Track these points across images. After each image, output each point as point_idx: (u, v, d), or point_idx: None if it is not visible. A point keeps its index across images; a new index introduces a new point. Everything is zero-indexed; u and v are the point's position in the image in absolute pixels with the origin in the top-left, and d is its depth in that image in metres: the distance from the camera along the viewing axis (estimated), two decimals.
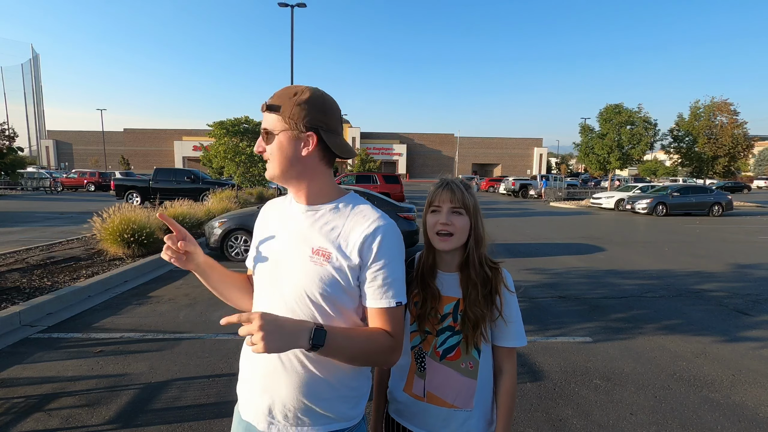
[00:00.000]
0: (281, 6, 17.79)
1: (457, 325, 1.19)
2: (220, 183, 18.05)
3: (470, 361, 1.19)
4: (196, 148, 48.22)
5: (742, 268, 7.45)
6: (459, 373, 1.18)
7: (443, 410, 1.19)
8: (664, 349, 3.86)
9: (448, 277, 1.22)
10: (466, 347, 1.18)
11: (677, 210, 17.48)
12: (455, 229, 1.17)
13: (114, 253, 6.79)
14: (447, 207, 1.18)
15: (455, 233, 1.17)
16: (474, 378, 1.19)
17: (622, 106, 24.73)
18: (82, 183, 29.47)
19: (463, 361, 1.19)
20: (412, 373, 1.23)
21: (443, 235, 1.17)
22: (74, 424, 2.56)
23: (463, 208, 1.17)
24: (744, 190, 38.98)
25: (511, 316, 1.21)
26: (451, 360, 1.19)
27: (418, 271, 1.25)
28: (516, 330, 1.21)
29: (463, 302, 1.18)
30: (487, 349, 1.21)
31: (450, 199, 1.17)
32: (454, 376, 1.18)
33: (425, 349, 1.21)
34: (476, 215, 1.20)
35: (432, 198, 1.21)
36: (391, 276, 0.99)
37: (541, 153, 71.57)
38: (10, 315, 4.05)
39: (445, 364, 1.19)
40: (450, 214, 1.17)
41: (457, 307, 1.20)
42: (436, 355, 1.20)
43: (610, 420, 2.73)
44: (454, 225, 1.16)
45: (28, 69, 75.44)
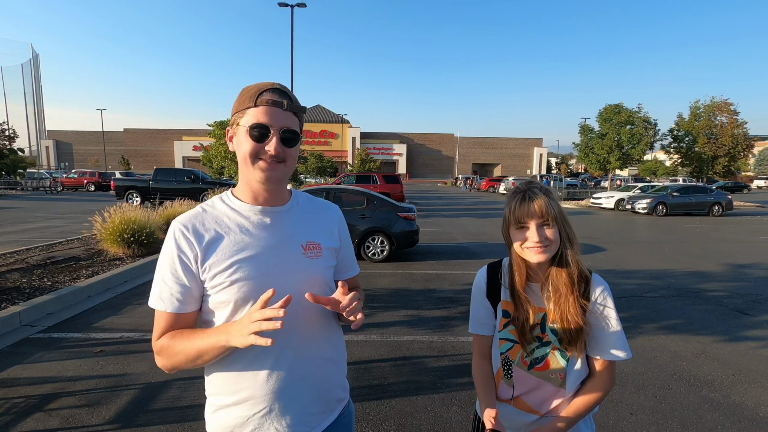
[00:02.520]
0: (281, 6, 17.78)
1: (546, 336, 1.17)
2: (220, 183, 18.05)
3: (560, 372, 1.17)
4: (196, 148, 48.27)
5: (742, 268, 7.45)
6: (549, 383, 1.18)
7: (530, 416, 1.20)
8: (664, 349, 3.86)
9: (536, 287, 1.20)
10: (555, 358, 1.16)
11: (677, 210, 17.48)
12: (549, 242, 1.11)
13: (114, 253, 6.80)
14: (536, 223, 1.11)
15: (550, 245, 1.12)
16: (563, 387, 1.17)
17: (621, 105, 24.72)
18: (82, 183, 29.46)
19: (552, 372, 1.17)
20: (499, 377, 1.25)
21: (538, 249, 1.11)
22: (74, 424, 2.57)
23: (550, 219, 1.11)
24: (744, 189, 38.97)
25: (608, 324, 1.15)
26: (540, 370, 1.18)
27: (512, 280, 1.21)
28: (614, 341, 1.14)
29: (553, 311, 1.15)
30: (578, 360, 1.17)
31: (540, 215, 1.10)
32: (543, 385, 1.18)
33: (512, 357, 1.20)
34: (563, 220, 1.14)
35: (516, 214, 1.13)
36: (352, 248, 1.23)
37: (541, 153, 71.59)
38: (10, 315, 4.06)
39: (533, 374, 1.18)
40: (539, 228, 1.11)
41: (545, 319, 1.18)
42: (524, 364, 1.19)
43: (610, 420, 2.73)
44: (547, 238, 1.11)
45: (28, 69, 75.36)
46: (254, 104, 0.94)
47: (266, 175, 0.97)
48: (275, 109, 0.94)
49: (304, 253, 1.03)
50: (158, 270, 0.98)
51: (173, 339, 0.95)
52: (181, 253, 0.95)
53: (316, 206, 1.14)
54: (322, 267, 1.06)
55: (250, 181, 1.01)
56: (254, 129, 0.93)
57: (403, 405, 2.85)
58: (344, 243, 1.17)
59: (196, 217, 1.00)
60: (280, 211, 1.05)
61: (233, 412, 0.99)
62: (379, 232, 7.54)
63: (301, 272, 1.01)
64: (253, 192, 1.02)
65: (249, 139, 0.94)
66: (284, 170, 0.99)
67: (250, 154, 0.95)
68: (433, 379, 3.21)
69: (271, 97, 0.94)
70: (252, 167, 0.97)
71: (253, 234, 1.00)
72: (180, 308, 0.96)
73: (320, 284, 1.04)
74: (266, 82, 0.98)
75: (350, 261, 1.20)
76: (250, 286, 0.95)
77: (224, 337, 0.87)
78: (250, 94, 0.95)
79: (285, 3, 17.72)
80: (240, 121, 0.97)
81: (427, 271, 6.68)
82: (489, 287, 1.27)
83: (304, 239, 1.04)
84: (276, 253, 1.00)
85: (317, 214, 1.12)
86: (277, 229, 1.02)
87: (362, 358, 3.54)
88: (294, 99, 0.98)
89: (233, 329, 0.86)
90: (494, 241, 9.90)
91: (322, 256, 1.06)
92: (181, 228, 0.97)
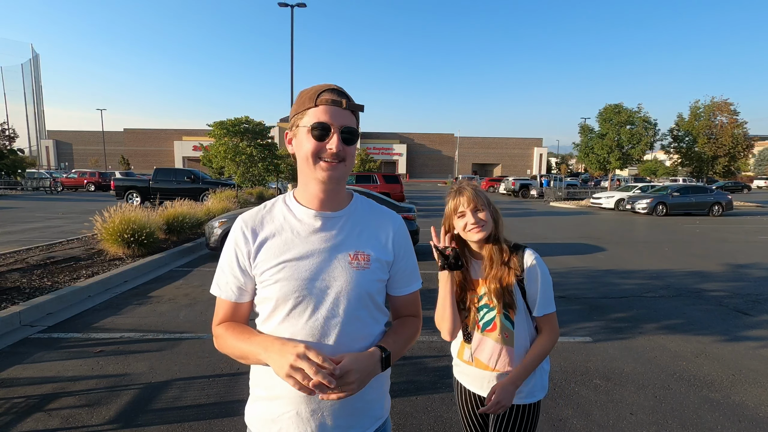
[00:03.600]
0: (281, 6, 17.79)
1: (492, 302, 1.42)
2: (220, 183, 18.05)
3: (506, 331, 1.42)
4: (196, 148, 48.21)
5: (743, 268, 7.45)
6: (497, 342, 1.42)
7: (487, 373, 1.45)
8: (664, 349, 3.86)
9: (478, 264, 1.47)
10: (499, 320, 1.41)
11: (677, 210, 17.48)
12: (483, 222, 1.40)
13: (114, 253, 6.79)
14: (470, 209, 1.40)
15: (486, 224, 1.41)
16: (511, 345, 1.42)
17: (621, 105, 24.73)
18: (82, 183, 29.47)
19: (500, 332, 1.42)
20: (462, 342, 1.51)
21: (477, 228, 1.39)
22: (74, 424, 2.56)
23: (481, 205, 1.41)
24: (744, 190, 38.96)
25: (536, 286, 1.40)
26: (490, 331, 1.43)
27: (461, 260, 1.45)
28: (540, 300, 1.40)
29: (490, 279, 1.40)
30: (521, 319, 1.42)
31: (470, 202, 1.40)
32: (492, 344, 1.43)
33: (468, 323, 1.47)
34: (492, 206, 1.45)
35: (456, 206, 1.42)
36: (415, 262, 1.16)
37: (541, 153, 71.54)
38: (10, 315, 4.05)
39: (485, 335, 1.44)
40: (475, 212, 1.40)
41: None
42: (477, 327, 1.46)
43: (610, 420, 2.73)
44: (482, 219, 1.40)
45: (28, 69, 75.41)
46: (314, 104, 0.95)
47: (328, 174, 0.97)
48: (335, 108, 0.95)
49: (350, 263, 1.01)
50: (220, 260, 1.06)
51: (227, 331, 1.02)
52: (238, 248, 1.02)
53: (374, 214, 1.10)
54: (369, 280, 1.02)
55: (310, 182, 1.01)
56: (315, 128, 0.94)
57: (403, 405, 2.85)
58: (401, 256, 1.10)
59: (257, 215, 1.04)
60: (334, 217, 1.03)
61: (267, 407, 1.02)
62: None
63: (344, 281, 0.99)
64: (312, 194, 1.02)
65: (310, 138, 0.95)
66: (344, 169, 0.99)
67: (312, 153, 0.96)
68: (433, 379, 3.21)
69: (330, 97, 0.95)
70: (314, 167, 0.97)
71: (302, 237, 1.01)
72: (235, 297, 1.03)
73: (362, 297, 1.01)
74: (323, 84, 1.00)
75: (408, 276, 1.12)
76: (290, 286, 0.97)
77: (264, 354, 0.91)
78: (309, 95, 0.97)
79: (285, 3, 17.72)
80: (300, 122, 0.98)
81: (427, 271, 6.63)
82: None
83: (353, 248, 1.02)
84: (322, 258, 0.99)
85: (373, 223, 1.08)
86: (328, 234, 1.02)
87: None
88: (351, 98, 0.99)
89: (274, 352, 0.89)
90: None
91: (369, 268, 1.02)
92: (242, 224, 1.03)
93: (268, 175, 16.57)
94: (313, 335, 0.97)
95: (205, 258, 7.61)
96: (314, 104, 0.95)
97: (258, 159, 15.56)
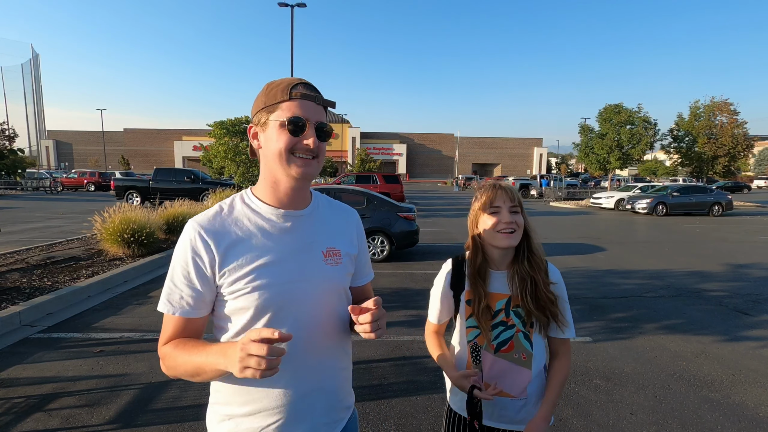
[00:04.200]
0: (281, 6, 17.78)
1: (510, 320, 1.27)
2: (220, 183, 18.05)
3: (523, 352, 1.27)
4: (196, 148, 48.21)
5: (742, 268, 7.45)
6: (513, 363, 1.27)
7: (499, 399, 1.27)
8: (664, 349, 3.86)
9: (499, 275, 1.29)
10: (518, 340, 1.27)
11: (677, 210, 17.47)
12: (517, 227, 1.23)
13: (114, 253, 6.79)
14: (507, 206, 1.24)
15: (517, 230, 1.24)
16: (528, 368, 1.27)
17: (621, 105, 24.73)
18: (82, 183, 29.46)
19: (516, 353, 1.27)
20: (468, 365, 1.29)
21: (507, 232, 1.23)
22: (74, 424, 2.57)
23: (519, 207, 1.25)
24: (744, 189, 38.96)
25: (565, 307, 1.29)
26: (505, 352, 1.27)
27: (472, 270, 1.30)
28: (570, 320, 1.29)
29: (521, 296, 1.25)
30: (539, 340, 1.29)
31: (509, 198, 1.24)
32: (508, 366, 1.27)
33: (480, 343, 1.28)
34: (525, 212, 1.29)
35: (491, 198, 1.26)
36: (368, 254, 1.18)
37: (541, 153, 71.56)
38: (10, 315, 4.05)
39: (499, 356, 1.27)
40: (510, 213, 1.24)
41: (509, 303, 1.27)
42: (491, 348, 1.28)
43: (610, 420, 2.73)
44: (516, 222, 1.23)
45: (28, 69, 75.34)
46: (288, 98, 0.90)
47: (302, 171, 0.92)
48: (310, 103, 0.92)
49: (324, 260, 1.00)
50: (170, 272, 0.93)
51: (176, 349, 0.91)
52: (197, 255, 0.90)
53: (336, 210, 1.11)
54: (342, 275, 1.03)
55: (280, 180, 0.95)
56: (291, 123, 0.89)
57: (403, 405, 2.85)
58: (362, 249, 1.13)
59: (215, 218, 0.94)
60: (302, 215, 1.00)
61: (244, 423, 0.95)
62: (379, 232, 7.54)
63: (320, 280, 0.98)
64: (281, 192, 0.97)
65: (285, 133, 0.90)
66: (317, 166, 0.95)
67: (285, 148, 0.90)
68: (433, 379, 3.21)
69: (304, 91, 0.91)
70: (287, 164, 0.92)
71: (274, 239, 0.95)
72: (189, 313, 0.92)
73: (339, 292, 1.03)
74: (293, 77, 0.95)
75: (366, 267, 1.16)
76: (270, 292, 0.91)
77: (222, 360, 0.82)
78: (281, 88, 0.92)
79: (285, 3, 17.71)
80: (270, 116, 0.92)
81: (427, 271, 6.67)
82: (453, 278, 1.34)
83: (324, 245, 1.01)
84: (297, 259, 0.96)
85: (337, 219, 1.08)
86: (299, 234, 0.98)
87: (362, 358, 3.53)
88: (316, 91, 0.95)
89: (231, 354, 0.79)
90: None
91: (341, 263, 1.03)
92: (199, 229, 0.91)
93: None
94: (297, 339, 0.92)
95: None
96: (288, 97, 0.90)
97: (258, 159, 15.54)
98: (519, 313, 1.26)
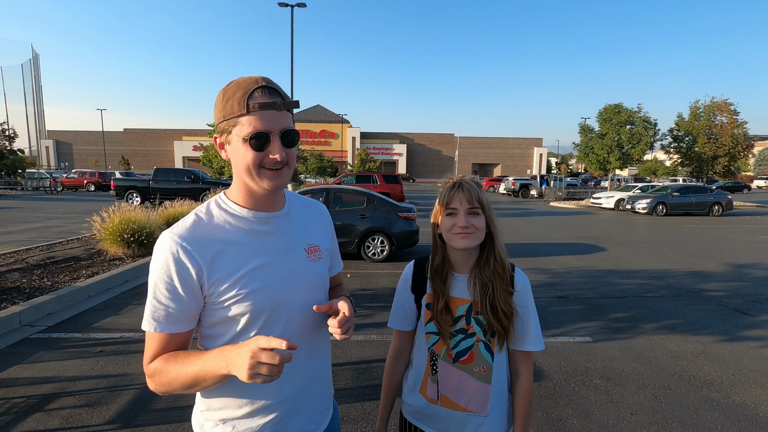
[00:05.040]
0: (281, 6, 17.79)
1: (470, 327, 1.17)
2: (220, 183, 18.06)
3: (483, 365, 1.17)
4: (196, 148, 48.26)
5: (742, 267, 7.45)
6: (472, 376, 1.17)
7: (457, 414, 1.17)
8: (664, 349, 3.86)
9: (461, 279, 1.20)
10: (479, 350, 1.16)
11: (677, 210, 17.48)
12: (475, 229, 1.14)
13: (114, 253, 6.80)
14: (464, 208, 1.14)
15: (476, 232, 1.14)
16: (488, 383, 1.17)
17: (621, 105, 24.75)
18: (82, 183, 29.47)
19: (476, 365, 1.17)
20: (426, 375, 1.21)
21: (464, 233, 1.14)
22: (74, 424, 2.57)
23: (480, 207, 1.15)
24: (744, 189, 38.97)
25: (529, 317, 1.18)
26: (464, 363, 1.17)
27: (432, 269, 1.23)
28: (534, 332, 1.18)
29: (480, 302, 1.15)
30: (501, 352, 1.18)
31: (467, 200, 1.13)
32: (467, 379, 1.17)
33: (438, 351, 1.19)
34: (490, 212, 1.18)
35: (447, 200, 1.15)
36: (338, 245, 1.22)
37: (541, 153, 71.57)
38: (10, 315, 4.05)
39: (457, 367, 1.17)
40: (467, 215, 1.14)
41: (471, 310, 1.18)
42: (449, 357, 1.18)
43: (610, 420, 2.73)
44: (474, 225, 1.14)
45: (28, 69, 75.29)
46: (246, 111, 0.85)
47: (274, 182, 0.91)
48: (270, 112, 0.86)
49: (308, 257, 1.03)
50: (151, 289, 0.88)
51: (167, 363, 0.87)
52: (181, 268, 0.86)
53: (307, 207, 1.13)
54: (324, 269, 1.08)
55: (253, 189, 0.94)
56: (253, 138, 0.85)
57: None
58: (335, 241, 1.20)
59: (194, 228, 0.90)
60: (281, 216, 1.00)
61: (242, 424, 0.95)
62: (379, 232, 7.54)
63: (307, 276, 1.01)
64: (256, 199, 0.96)
65: (249, 150, 0.86)
66: (289, 172, 0.94)
67: (252, 164, 0.88)
68: None
69: (262, 99, 0.85)
70: (257, 177, 0.90)
71: (259, 242, 0.95)
72: (175, 328, 0.88)
73: (322, 286, 1.07)
74: (250, 79, 0.88)
75: (337, 258, 1.21)
76: (262, 296, 0.91)
77: (224, 364, 0.79)
78: (237, 98, 0.85)
79: (285, 3, 17.72)
80: (232, 130, 0.88)
81: None
82: (414, 280, 1.26)
83: (305, 242, 1.04)
84: (284, 259, 0.97)
85: (311, 215, 1.12)
86: (281, 234, 0.99)
87: (362, 358, 3.53)
88: (284, 94, 0.90)
89: (234, 358, 0.78)
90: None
91: (323, 258, 1.08)
92: (179, 241, 0.87)
93: None
94: (291, 335, 0.94)
95: None
96: (246, 110, 0.85)
97: None
98: (480, 321, 1.16)
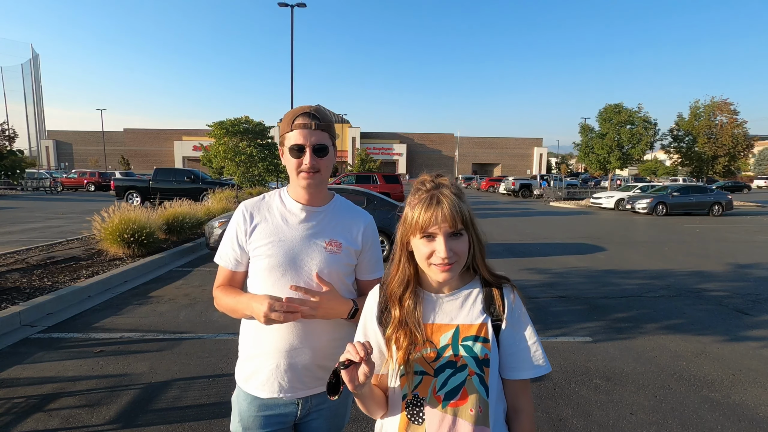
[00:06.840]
0: (281, 6, 17.78)
1: (460, 358, 0.93)
2: (220, 183, 18.06)
3: (480, 403, 0.93)
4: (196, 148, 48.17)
5: (742, 267, 7.45)
6: (467, 421, 0.92)
7: None
8: (664, 349, 3.86)
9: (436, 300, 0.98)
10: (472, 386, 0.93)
11: (677, 210, 17.48)
12: (457, 257, 0.91)
13: (114, 253, 6.79)
14: (445, 233, 0.90)
15: (458, 260, 0.92)
16: (486, 425, 0.93)
17: (621, 105, 24.76)
18: (82, 183, 29.44)
19: (471, 406, 0.92)
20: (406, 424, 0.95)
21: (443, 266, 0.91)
22: (75, 425, 2.57)
23: (464, 227, 0.92)
24: (744, 189, 38.96)
25: (526, 337, 0.98)
26: (458, 405, 0.92)
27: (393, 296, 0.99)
28: (533, 355, 0.97)
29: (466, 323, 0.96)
30: (495, 382, 0.96)
31: (449, 222, 0.89)
32: (462, 425, 0.92)
33: (422, 394, 0.94)
34: (473, 225, 0.95)
35: (423, 223, 0.90)
36: (378, 254, 1.38)
37: (541, 153, 71.56)
38: (10, 315, 4.05)
39: (449, 411, 0.92)
40: (449, 239, 0.90)
41: (457, 335, 0.95)
42: (437, 400, 0.93)
43: (610, 420, 2.73)
44: (456, 253, 0.91)
45: (28, 69, 75.38)
46: (290, 129, 1.20)
47: (307, 182, 1.22)
48: (306, 131, 1.18)
49: (325, 248, 1.25)
50: (224, 235, 1.32)
51: (222, 293, 1.28)
52: (238, 227, 1.27)
53: (349, 212, 1.35)
54: (338, 262, 1.26)
55: (296, 187, 1.27)
56: (293, 149, 1.19)
57: None
58: (368, 248, 1.34)
59: (256, 203, 1.31)
60: (316, 211, 1.28)
61: (253, 362, 1.27)
62: (379, 232, 7.53)
63: (318, 260, 1.24)
64: (298, 194, 1.28)
65: (291, 158, 1.20)
66: (320, 178, 1.23)
67: (294, 168, 1.21)
68: None
69: (302, 121, 1.19)
70: (297, 177, 1.23)
71: (288, 224, 1.26)
72: (232, 266, 1.29)
73: (335, 275, 1.25)
74: (300, 108, 1.22)
75: (372, 265, 1.35)
76: (275, 260, 1.22)
77: (249, 305, 1.16)
78: (287, 121, 1.21)
79: (285, 3, 17.71)
80: (284, 142, 1.23)
81: None
82: (382, 311, 1.02)
83: (328, 237, 1.27)
84: (303, 242, 1.24)
85: (347, 219, 1.32)
86: (309, 224, 1.27)
87: None
88: (322, 117, 1.21)
89: (255, 307, 1.12)
90: (494, 241, 9.89)
91: (340, 253, 1.26)
92: (243, 209, 1.29)
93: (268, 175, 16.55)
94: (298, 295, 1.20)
95: (205, 258, 7.61)
96: (290, 129, 1.20)
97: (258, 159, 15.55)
98: (471, 347, 0.94)
